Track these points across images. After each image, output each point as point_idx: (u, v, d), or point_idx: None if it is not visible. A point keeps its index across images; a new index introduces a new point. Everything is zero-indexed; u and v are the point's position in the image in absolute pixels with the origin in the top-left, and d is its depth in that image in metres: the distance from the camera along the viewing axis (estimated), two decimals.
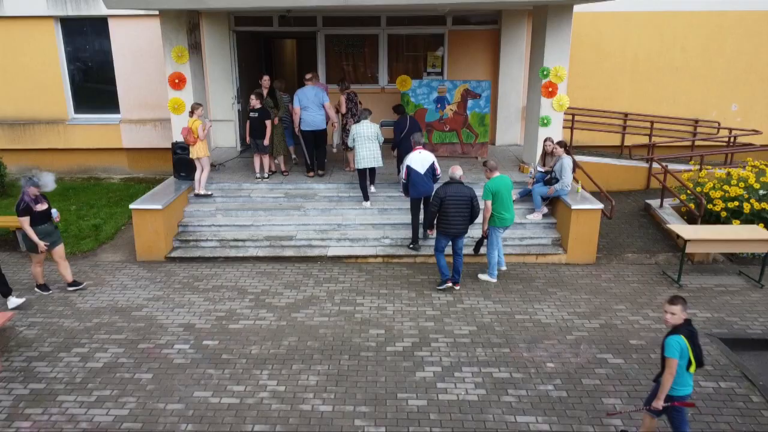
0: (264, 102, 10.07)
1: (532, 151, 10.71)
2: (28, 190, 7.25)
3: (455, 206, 7.58)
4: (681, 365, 4.45)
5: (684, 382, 4.55)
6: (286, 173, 10.65)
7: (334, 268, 8.77)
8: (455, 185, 7.66)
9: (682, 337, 4.43)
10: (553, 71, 10.08)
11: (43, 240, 7.46)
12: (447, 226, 7.71)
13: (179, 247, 9.24)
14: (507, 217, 7.98)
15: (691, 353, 4.44)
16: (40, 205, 7.41)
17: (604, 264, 8.97)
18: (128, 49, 12.42)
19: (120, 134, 12.93)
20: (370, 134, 9.44)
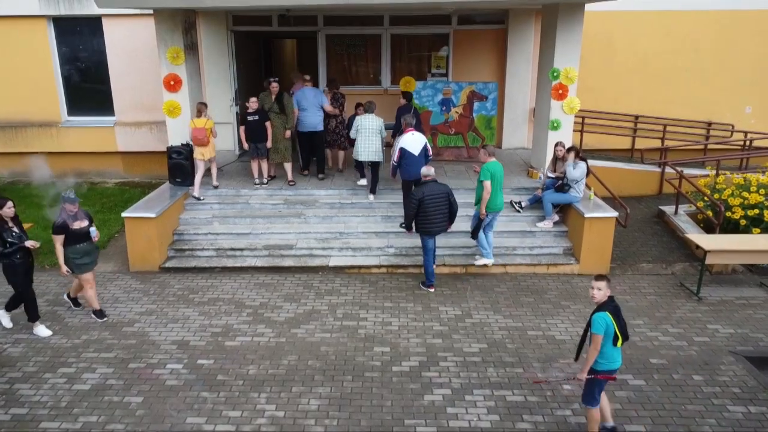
0: (271, 107, 9.68)
1: (541, 156, 10.31)
2: (65, 206, 6.67)
3: (434, 205, 7.54)
4: (607, 341, 4.68)
5: (612, 357, 4.79)
6: (292, 183, 10.06)
7: (336, 279, 8.39)
8: (430, 184, 7.63)
9: (608, 314, 4.68)
10: (563, 73, 9.68)
11: (80, 260, 6.83)
12: (429, 226, 7.66)
13: (174, 256, 8.85)
14: (498, 202, 8.04)
15: (617, 328, 4.68)
16: (79, 222, 6.80)
17: (619, 275, 8.57)
18: (123, 50, 12.03)
19: (115, 137, 12.53)
20: (374, 127, 9.32)
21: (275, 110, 9.68)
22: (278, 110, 9.70)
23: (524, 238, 9.01)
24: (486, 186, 7.85)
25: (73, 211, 6.74)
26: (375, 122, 9.34)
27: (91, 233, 6.91)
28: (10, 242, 6.43)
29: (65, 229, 6.70)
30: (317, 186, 9.98)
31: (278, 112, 9.71)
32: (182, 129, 9.94)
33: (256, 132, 9.62)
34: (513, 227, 9.11)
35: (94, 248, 7.07)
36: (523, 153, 12.22)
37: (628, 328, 7.14)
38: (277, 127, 9.74)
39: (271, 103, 9.69)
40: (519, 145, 12.59)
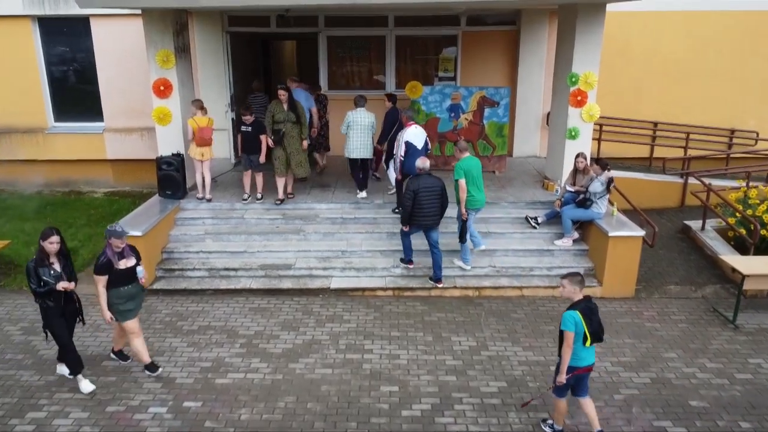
0: (286, 117, 8.71)
1: (556, 166, 9.64)
2: (111, 241, 5.63)
3: (428, 197, 7.39)
4: (577, 340, 4.69)
5: (581, 357, 4.81)
6: (291, 195, 9.31)
7: (337, 303, 7.71)
8: (425, 177, 7.46)
9: (577, 312, 4.70)
10: (582, 78, 9.01)
11: (124, 305, 5.79)
12: (421, 218, 7.48)
13: (163, 277, 8.18)
14: (478, 198, 7.73)
15: (586, 328, 4.69)
16: (126, 261, 5.72)
17: (645, 298, 7.90)
18: (112, 51, 11.35)
19: (104, 144, 11.86)
20: (366, 123, 9.00)
21: (291, 119, 8.73)
22: (294, 119, 8.76)
23: (541, 257, 8.33)
24: (461, 185, 7.52)
25: (119, 247, 5.67)
26: (367, 117, 9.00)
27: (138, 274, 5.82)
28: (45, 281, 5.42)
29: (110, 270, 5.64)
30: (317, 199, 9.30)
31: (294, 121, 8.77)
32: (173, 137, 9.29)
33: (250, 143, 8.87)
34: (529, 245, 8.44)
35: (140, 291, 5.99)
36: (535, 162, 11.54)
37: (660, 360, 6.56)
38: (294, 138, 8.82)
39: (284, 112, 8.72)
40: (531, 153, 11.91)
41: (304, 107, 9.18)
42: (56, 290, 5.47)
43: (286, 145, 8.80)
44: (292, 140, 8.82)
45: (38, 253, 5.47)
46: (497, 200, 9.17)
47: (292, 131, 8.79)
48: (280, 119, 8.72)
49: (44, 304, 5.56)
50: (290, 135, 8.80)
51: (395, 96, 9.56)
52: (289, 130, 8.77)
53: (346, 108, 9.87)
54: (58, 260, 5.56)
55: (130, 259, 5.78)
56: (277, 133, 8.74)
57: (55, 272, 5.50)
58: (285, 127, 8.74)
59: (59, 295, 5.54)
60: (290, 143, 8.81)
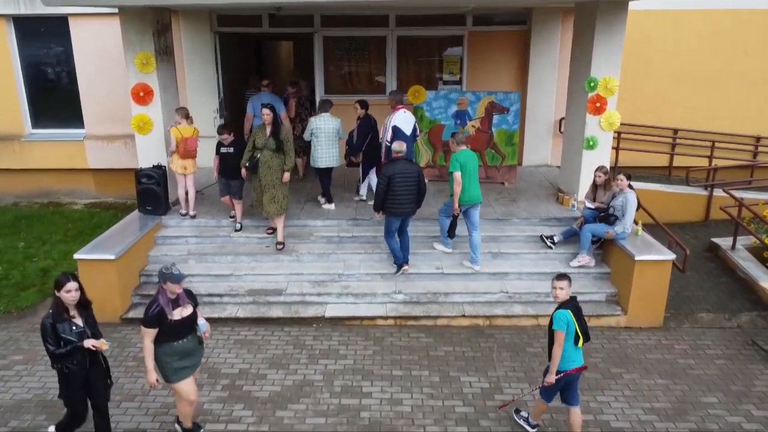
0: (265, 144, 7.46)
1: (572, 178, 8.86)
2: (165, 286, 4.62)
3: (404, 184, 7.02)
4: (568, 340, 4.62)
5: (571, 358, 4.72)
6: (270, 231, 8.12)
7: (333, 333, 6.93)
8: (402, 162, 7.10)
9: (569, 312, 4.64)
10: (602, 83, 8.22)
11: (179, 362, 4.74)
12: (396, 206, 7.12)
13: (140, 303, 7.39)
14: (474, 194, 7.32)
15: (578, 327, 4.65)
16: (181, 309, 4.68)
17: (674, 328, 7.12)
18: (93, 53, 10.57)
19: (85, 152, 11.08)
20: (331, 129, 8.36)
21: (270, 147, 7.47)
22: (273, 147, 7.48)
23: None
24: (456, 177, 7.12)
25: (175, 293, 4.66)
26: (332, 123, 8.38)
27: (200, 328, 4.81)
28: (66, 340, 4.45)
29: (161, 321, 4.61)
30: (312, 215, 8.51)
31: (273, 149, 7.49)
32: (154, 147, 8.52)
33: (230, 167, 7.79)
34: (544, 267, 7.65)
35: (198, 346, 4.90)
36: (546, 171, 10.76)
37: (699, 406, 5.77)
38: (272, 169, 7.52)
39: (264, 138, 7.51)
40: (541, 162, 11.13)
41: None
42: (80, 349, 4.49)
43: (261, 176, 7.55)
44: (269, 171, 7.50)
45: (54, 306, 4.48)
46: (508, 216, 8.38)
47: (269, 160, 7.48)
48: (260, 145, 7.51)
49: (65, 369, 4.53)
50: (266, 165, 7.48)
51: (367, 102, 8.80)
52: (266, 158, 7.48)
53: (343, 113, 9.10)
54: (79, 312, 4.60)
55: (187, 306, 4.72)
56: (251, 160, 7.54)
57: (77, 327, 4.51)
58: (262, 155, 7.50)
59: (83, 355, 4.56)
60: (265, 174, 7.51)
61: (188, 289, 4.91)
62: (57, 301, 4.49)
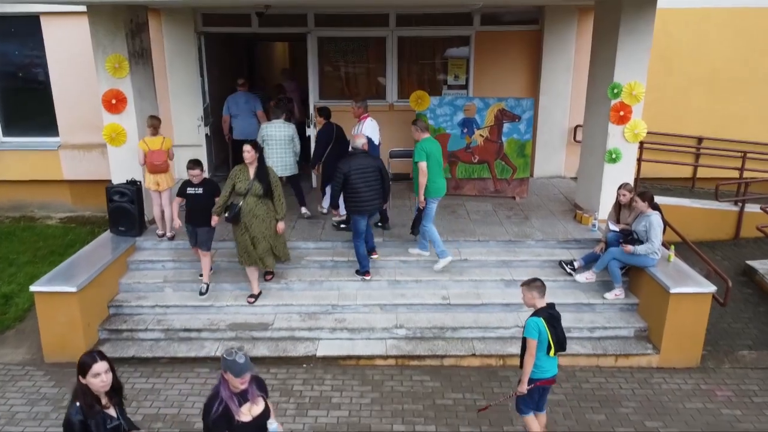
0: (249, 189, 6.23)
1: (591, 194, 8.03)
2: (228, 379, 3.41)
3: (363, 180, 6.57)
4: (541, 349, 4.45)
5: (544, 367, 4.55)
6: (269, 277, 7.01)
7: (325, 376, 6.08)
8: (360, 157, 6.66)
9: (541, 320, 4.47)
10: (626, 89, 7.38)
11: None
12: (360, 204, 6.62)
13: (107, 339, 6.54)
14: (440, 185, 6.93)
15: (550, 337, 4.46)
16: (250, 405, 3.50)
17: (713, 369, 6.27)
18: (67, 56, 9.70)
19: (59, 162, 10.22)
20: (283, 137, 7.77)
21: (256, 192, 6.24)
22: (260, 192, 6.25)
23: (580, 313, 6.70)
24: (421, 168, 6.68)
25: (239, 387, 3.43)
26: (284, 130, 7.78)
27: (270, 430, 3.62)
28: None
29: (228, 423, 3.43)
30: (303, 235, 7.65)
31: (260, 195, 6.28)
32: (128, 161, 7.68)
33: (198, 212, 6.52)
34: (564, 297, 6.79)
35: None
36: (560, 184, 9.91)
37: None
38: (260, 218, 6.31)
39: (247, 181, 6.27)
40: (554, 174, 10.28)
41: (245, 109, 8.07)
42: None
43: (248, 227, 6.33)
44: (256, 221, 6.29)
45: (81, 396, 3.35)
46: (521, 238, 7.53)
47: (255, 208, 6.26)
48: (241, 190, 6.27)
49: None
50: (251, 214, 6.27)
51: (328, 110, 8.09)
52: (251, 206, 6.24)
53: (341, 120, 8.25)
54: (110, 400, 3.47)
55: (257, 401, 3.54)
56: (232, 210, 6.30)
57: (111, 421, 3.43)
58: (245, 202, 6.26)
59: None
60: (253, 225, 6.30)
61: (258, 377, 3.71)
62: (83, 389, 3.35)
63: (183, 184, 6.62)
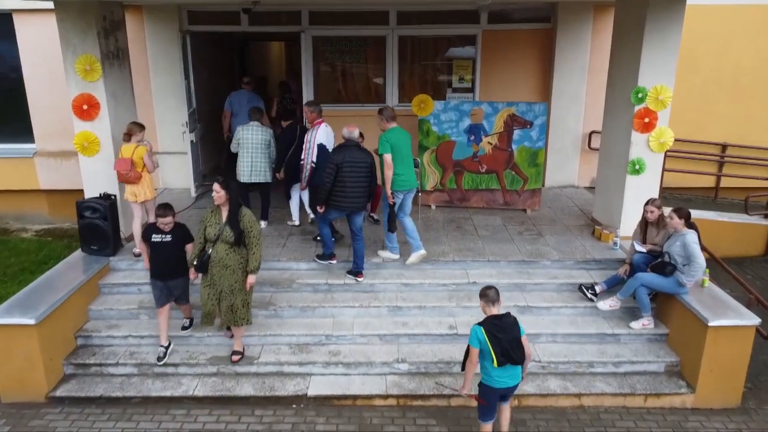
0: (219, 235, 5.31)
1: (611, 209, 7.34)
2: None
3: (353, 175, 6.13)
4: (487, 359, 4.38)
5: (492, 376, 4.45)
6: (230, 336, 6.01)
7: (317, 420, 5.36)
8: (352, 149, 6.20)
9: (481, 329, 4.36)
10: (652, 93, 6.69)
11: None
12: (342, 200, 6.18)
13: (73, 375, 5.83)
14: (407, 178, 6.49)
15: (491, 347, 4.31)
16: None
17: (755, 410, 5.56)
18: (43, 57, 9.02)
19: (35, 171, 9.53)
20: (259, 141, 7.30)
21: (227, 239, 5.29)
22: (231, 239, 5.29)
23: (604, 344, 5.99)
24: (385, 160, 6.27)
25: None
26: (260, 134, 7.31)
27: None
28: None
29: None
30: (295, 255, 6.93)
31: (231, 243, 5.31)
32: (102, 172, 7.01)
33: (164, 263, 5.56)
34: (585, 327, 6.09)
35: None
36: (574, 195, 9.21)
37: None
38: (230, 269, 5.36)
39: (218, 226, 5.34)
40: (567, 183, 9.57)
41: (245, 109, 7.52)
42: None
43: (216, 279, 5.43)
44: (225, 272, 5.37)
45: None
46: (536, 257, 6.82)
47: (225, 257, 5.32)
48: (211, 236, 5.37)
49: None
50: (221, 263, 5.34)
51: (291, 111, 7.82)
52: (221, 255, 5.31)
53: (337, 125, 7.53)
54: None
55: None
56: (201, 257, 5.43)
57: None
58: (214, 249, 5.36)
59: None
60: (221, 276, 5.38)
61: None
62: None
63: (147, 228, 5.66)
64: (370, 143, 7.87)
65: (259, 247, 5.42)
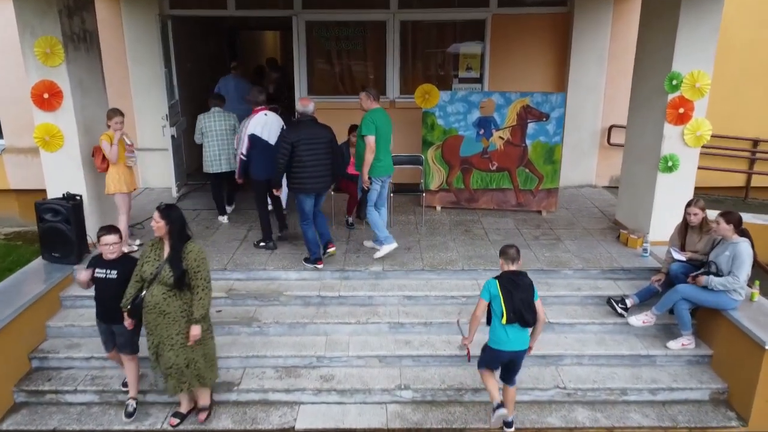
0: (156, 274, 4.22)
1: (639, 211, 6.57)
2: None
3: (312, 152, 5.70)
4: (495, 315, 4.22)
5: (498, 338, 4.26)
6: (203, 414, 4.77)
7: None
8: (308, 125, 5.78)
9: (495, 282, 4.22)
10: (687, 80, 5.92)
11: None
12: (305, 181, 5.73)
13: (25, 403, 5.04)
14: (386, 164, 6.08)
15: (503, 301, 4.15)
16: None
17: None
18: (9, 45, 8.17)
19: (4, 169, 8.77)
20: (223, 128, 7.00)
21: (166, 280, 4.19)
22: (170, 281, 4.18)
23: (637, 368, 5.20)
24: (368, 142, 5.80)
25: None
26: (223, 120, 7.01)
27: None
28: None
29: None
30: (284, 262, 6.14)
31: (170, 285, 4.20)
32: (67, 169, 6.23)
33: (107, 302, 4.48)
34: (616, 347, 5.31)
35: None
36: (592, 194, 8.43)
37: None
38: (169, 317, 4.26)
39: (157, 262, 4.27)
40: (584, 182, 8.79)
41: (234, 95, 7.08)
42: None
43: (152, 328, 4.34)
44: (162, 321, 4.26)
45: None
46: (556, 266, 6.03)
47: (162, 302, 4.22)
48: (147, 275, 4.27)
49: None
50: (156, 309, 4.23)
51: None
52: (156, 299, 4.22)
53: (333, 119, 6.73)
54: None
55: None
56: (134, 300, 4.33)
57: None
58: (150, 293, 4.25)
59: None
60: (158, 325, 4.29)
61: None
62: None
63: (93, 259, 4.62)
64: None
65: (208, 292, 4.25)
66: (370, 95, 5.94)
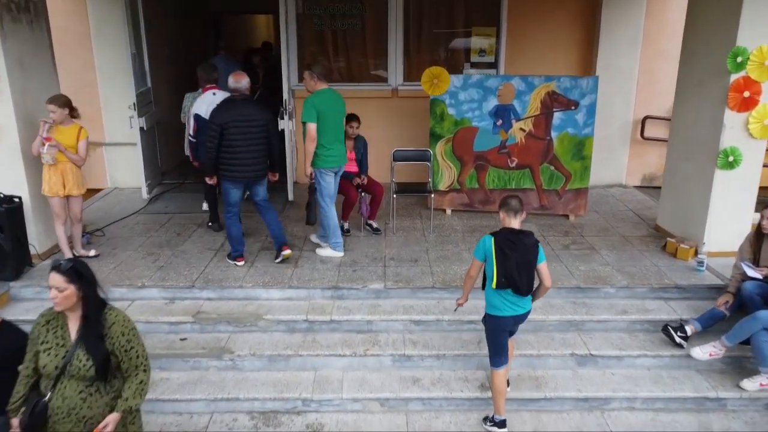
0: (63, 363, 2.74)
1: (686, 214, 5.54)
2: None
3: (243, 136, 4.96)
4: (488, 279, 3.71)
5: (492, 303, 3.74)
6: None
7: None
8: (240, 104, 5.01)
9: (491, 239, 3.65)
10: (756, 56, 4.88)
11: None
12: (234, 168, 5.03)
13: None
14: (336, 155, 5.27)
15: (495, 262, 3.59)
16: None
17: None
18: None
19: None
20: None
21: (80, 373, 2.74)
22: (90, 372, 2.74)
23: (704, 413, 4.15)
24: (308, 130, 5.06)
25: None
26: None
27: None
28: None
29: None
30: (267, 278, 5.09)
31: (90, 378, 2.77)
32: (7, 166, 5.18)
33: None
34: (676, 387, 4.26)
35: None
36: (624, 195, 7.39)
37: None
38: (92, 422, 2.78)
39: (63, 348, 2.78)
40: (614, 181, 7.75)
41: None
42: None
43: None
44: (77, 427, 2.77)
45: None
46: (594, 283, 4.98)
47: (82, 405, 2.77)
48: (49, 369, 2.77)
49: None
50: (76, 417, 2.77)
51: None
52: (74, 401, 2.76)
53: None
54: None
55: None
56: (29, 406, 2.79)
57: None
58: (59, 394, 2.76)
59: None
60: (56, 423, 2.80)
61: None
62: None
63: None
64: (367, 132, 6.11)
65: (149, 372, 2.95)
66: (314, 75, 5.16)
